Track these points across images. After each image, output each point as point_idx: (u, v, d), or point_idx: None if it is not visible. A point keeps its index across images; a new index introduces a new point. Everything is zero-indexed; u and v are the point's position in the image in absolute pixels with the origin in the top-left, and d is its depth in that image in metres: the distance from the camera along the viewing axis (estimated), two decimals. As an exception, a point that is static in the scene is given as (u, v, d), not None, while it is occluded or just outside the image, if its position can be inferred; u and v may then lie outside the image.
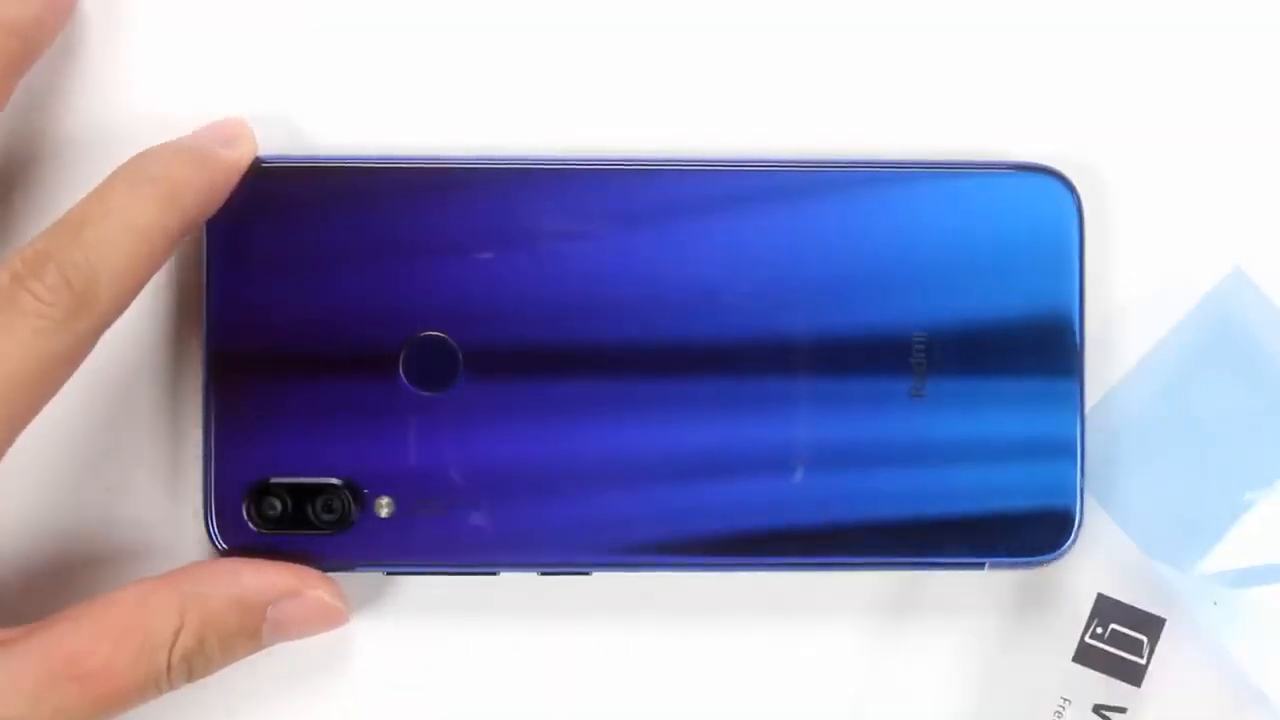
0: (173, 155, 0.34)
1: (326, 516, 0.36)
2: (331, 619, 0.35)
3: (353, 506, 0.36)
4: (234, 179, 0.35)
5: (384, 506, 0.36)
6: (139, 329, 0.37)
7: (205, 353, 0.36)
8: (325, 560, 0.36)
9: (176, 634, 0.33)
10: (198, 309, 0.36)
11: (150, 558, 0.37)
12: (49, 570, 0.36)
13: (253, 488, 0.36)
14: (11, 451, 0.32)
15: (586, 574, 0.36)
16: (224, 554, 0.35)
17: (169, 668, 0.33)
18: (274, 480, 0.36)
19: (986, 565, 0.36)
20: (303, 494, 0.36)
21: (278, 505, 0.36)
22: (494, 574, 0.36)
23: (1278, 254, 0.38)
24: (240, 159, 0.35)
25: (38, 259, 0.32)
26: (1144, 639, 0.37)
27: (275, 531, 0.36)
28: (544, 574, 0.36)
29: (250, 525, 0.35)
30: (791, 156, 0.36)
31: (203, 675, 0.34)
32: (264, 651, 0.35)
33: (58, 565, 0.36)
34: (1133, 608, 0.37)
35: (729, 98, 0.37)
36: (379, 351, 0.36)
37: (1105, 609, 0.37)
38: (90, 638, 0.32)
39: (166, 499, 0.37)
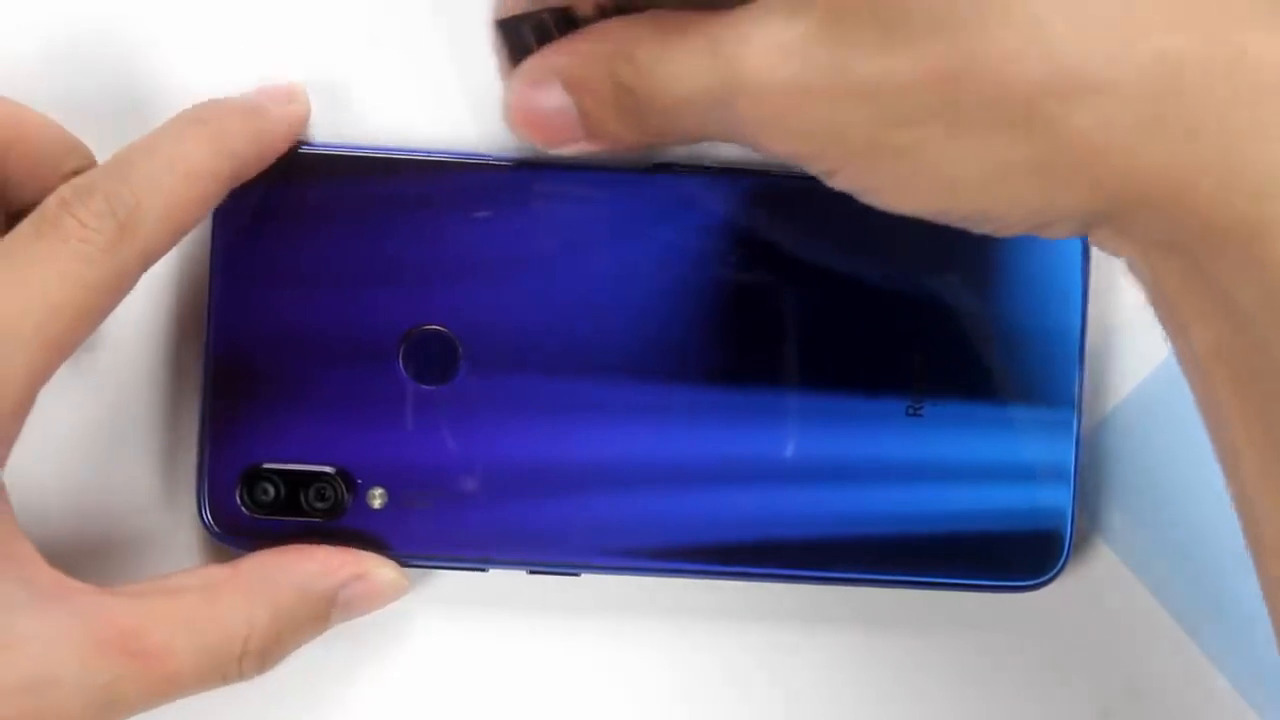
0: (224, 105, 0.34)
1: (319, 504, 0.36)
2: (396, 593, 0.36)
3: (345, 495, 0.36)
4: (286, 134, 0.35)
5: (377, 497, 0.36)
6: (142, 313, 0.37)
7: (207, 337, 0.36)
8: (316, 548, 0.36)
9: (250, 627, 0.33)
10: (201, 294, 0.36)
11: (145, 539, 0.37)
12: (41, 548, 0.36)
13: (246, 472, 0.36)
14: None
15: (576, 575, 0.36)
16: (215, 537, 0.36)
17: (241, 659, 0.33)
18: (267, 466, 0.36)
19: (974, 589, 0.36)
20: (296, 481, 0.36)
21: (270, 490, 0.36)
22: (483, 570, 0.36)
23: None
24: (292, 114, 0.35)
25: (86, 188, 0.32)
26: None
27: (268, 517, 0.36)
28: (532, 572, 0.36)
29: (243, 509, 0.36)
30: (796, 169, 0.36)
31: (274, 665, 0.34)
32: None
33: (50, 545, 0.36)
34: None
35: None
36: (379, 343, 0.36)
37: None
38: (152, 617, 0.32)
39: (163, 481, 0.37)
